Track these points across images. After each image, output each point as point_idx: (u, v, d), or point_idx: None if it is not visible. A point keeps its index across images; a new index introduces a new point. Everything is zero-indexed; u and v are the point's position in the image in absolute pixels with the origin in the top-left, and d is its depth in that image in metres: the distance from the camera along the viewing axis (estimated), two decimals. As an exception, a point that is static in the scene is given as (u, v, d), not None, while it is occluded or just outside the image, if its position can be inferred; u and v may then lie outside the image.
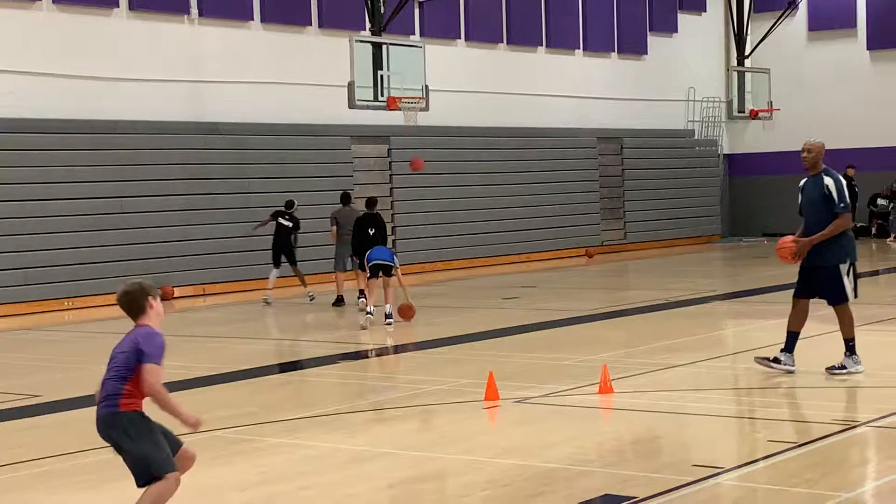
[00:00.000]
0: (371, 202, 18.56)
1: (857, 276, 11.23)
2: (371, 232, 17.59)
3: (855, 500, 7.07)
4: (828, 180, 11.09)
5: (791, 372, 11.24)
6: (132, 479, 6.34)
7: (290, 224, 20.55)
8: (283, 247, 20.44)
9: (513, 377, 11.60)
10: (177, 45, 23.10)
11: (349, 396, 11.13)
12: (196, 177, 22.88)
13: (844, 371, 11.14)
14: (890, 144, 33.15)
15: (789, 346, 11.32)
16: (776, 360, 11.33)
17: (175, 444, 6.58)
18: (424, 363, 13.26)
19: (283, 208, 20.76)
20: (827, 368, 11.23)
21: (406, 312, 16.59)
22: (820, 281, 11.16)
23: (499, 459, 8.37)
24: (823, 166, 11.31)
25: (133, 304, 6.53)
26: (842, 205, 11.01)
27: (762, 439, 8.92)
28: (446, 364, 12.97)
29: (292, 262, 20.48)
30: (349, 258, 19.09)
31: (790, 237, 11.29)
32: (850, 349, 11.20)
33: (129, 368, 6.37)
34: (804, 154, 11.26)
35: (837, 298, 11.15)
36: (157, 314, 6.54)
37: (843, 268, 11.10)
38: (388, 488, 7.86)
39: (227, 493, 7.69)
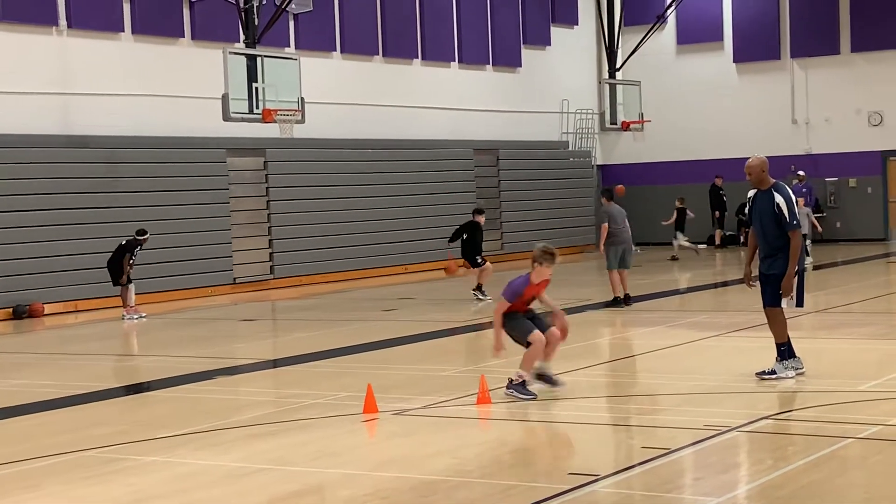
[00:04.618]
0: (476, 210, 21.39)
1: (802, 286, 11.23)
2: (465, 237, 20.88)
3: (726, 504, 7.22)
4: (778, 197, 11.07)
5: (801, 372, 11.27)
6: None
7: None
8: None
9: (391, 389, 11.60)
10: (45, 57, 22.59)
11: (226, 412, 10.99)
12: (66, 191, 22.38)
13: (774, 376, 11.18)
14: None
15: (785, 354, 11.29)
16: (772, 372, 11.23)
17: (543, 325, 10.93)
18: (303, 377, 13.16)
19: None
20: (757, 373, 11.32)
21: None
22: (764, 286, 11.20)
23: (378, 472, 8.36)
24: (773, 181, 11.29)
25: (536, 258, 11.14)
26: (794, 222, 11.03)
27: (637, 446, 9.07)
28: (324, 378, 12.91)
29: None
30: (619, 257, 18.76)
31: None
32: (782, 354, 11.25)
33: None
34: (747, 177, 11.29)
35: (772, 301, 11.17)
36: (535, 275, 11.04)
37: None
38: (265, 504, 7.78)
39: (100, 514, 7.53)
